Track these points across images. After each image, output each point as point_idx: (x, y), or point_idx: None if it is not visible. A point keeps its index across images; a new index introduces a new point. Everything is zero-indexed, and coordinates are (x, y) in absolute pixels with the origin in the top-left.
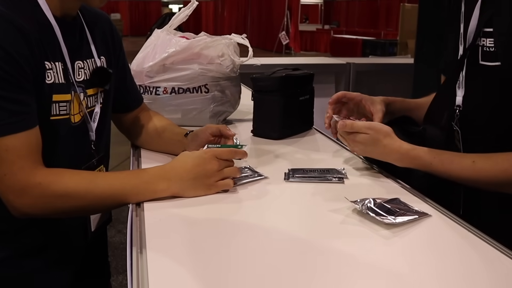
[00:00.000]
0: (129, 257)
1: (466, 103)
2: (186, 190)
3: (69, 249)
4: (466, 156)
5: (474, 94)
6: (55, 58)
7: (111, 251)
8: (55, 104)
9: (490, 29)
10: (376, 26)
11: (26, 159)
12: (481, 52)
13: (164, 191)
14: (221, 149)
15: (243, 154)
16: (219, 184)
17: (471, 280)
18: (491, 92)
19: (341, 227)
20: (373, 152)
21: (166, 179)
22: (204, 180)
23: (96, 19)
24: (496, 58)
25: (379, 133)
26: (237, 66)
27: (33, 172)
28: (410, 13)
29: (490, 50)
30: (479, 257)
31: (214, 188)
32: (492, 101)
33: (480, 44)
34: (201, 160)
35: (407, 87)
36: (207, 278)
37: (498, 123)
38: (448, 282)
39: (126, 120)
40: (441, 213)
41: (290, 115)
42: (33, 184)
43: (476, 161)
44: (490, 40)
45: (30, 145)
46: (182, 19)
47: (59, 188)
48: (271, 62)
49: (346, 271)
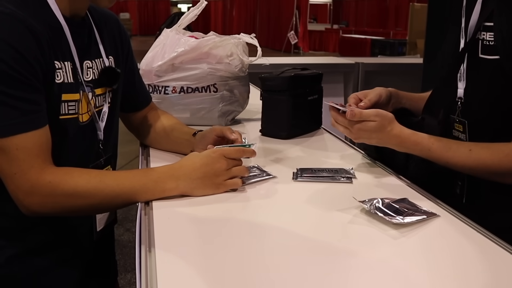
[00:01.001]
0: (137, 255)
1: (467, 95)
2: (194, 189)
3: (76, 248)
4: (464, 144)
5: (476, 87)
6: (65, 57)
7: (119, 249)
8: (64, 103)
9: (490, 23)
10: (385, 26)
11: (37, 158)
12: (481, 45)
13: (172, 190)
14: (229, 148)
15: (251, 153)
16: (227, 183)
17: (479, 280)
18: (491, 85)
19: (349, 227)
20: (376, 138)
21: (174, 178)
22: (213, 179)
23: (105, 19)
24: (496, 52)
25: (385, 119)
26: (245, 66)
27: (43, 171)
28: (419, 13)
29: (490, 44)
30: (487, 258)
31: (222, 187)
32: (493, 94)
33: (480, 37)
34: (209, 159)
35: (416, 87)
36: (215, 276)
37: (499, 115)
38: (455, 282)
39: (135, 119)
40: (449, 213)
41: (299, 114)
42: (43, 183)
43: (472, 149)
44: (490, 34)
45: (41, 144)
46: (191, 19)
47: (69, 187)
48: (280, 62)
49: (354, 271)
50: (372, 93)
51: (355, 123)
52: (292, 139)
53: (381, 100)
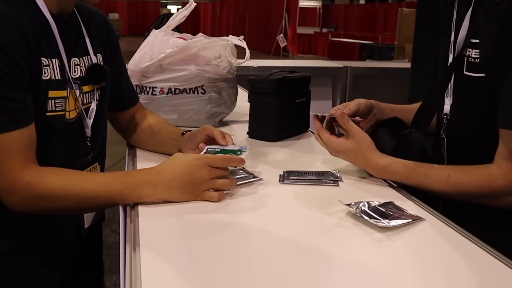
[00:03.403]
0: (122, 255)
1: (453, 112)
2: (172, 196)
3: (63, 246)
4: (442, 170)
5: (461, 104)
6: (52, 54)
7: (105, 250)
8: (51, 100)
9: (476, 40)
10: (374, 30)
11: (18, 158)
12: (467, 62)
13: (149, 196)
14: (214, 156)
15: (238, 162)
16: (205, 194)
17: (464, 283)
18: (477, 103)
19: (335, 230)
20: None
21: (151, 185)
22: (192, 188)
23: (93, 17)
24: (481, 69)
25: (363, 144)
26: (234, 68)
27: (23, 171)
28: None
29: (475, 61)
30: (472, 261)
31: (202, 196)
32: (478, 112)
33: (466, 54)
34: (191, 167)
35: (404, 92)
36: (200, 278)
37: (484, 134)
38: (441, 286)
39: (122, 118)
40: (435, 217)
41: (286, 117)
42: (21, 184)
43: (451, 175)
44: (475, 51)
45: (24, 143)
46: (180, 20)
47: (45, 189)
48: (268, 65)
49: (339, 274)
50: (351, 103)
51: (332, 143)
52: (279, 141)
53: (361, 109)
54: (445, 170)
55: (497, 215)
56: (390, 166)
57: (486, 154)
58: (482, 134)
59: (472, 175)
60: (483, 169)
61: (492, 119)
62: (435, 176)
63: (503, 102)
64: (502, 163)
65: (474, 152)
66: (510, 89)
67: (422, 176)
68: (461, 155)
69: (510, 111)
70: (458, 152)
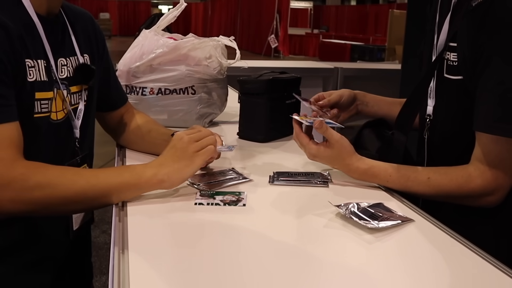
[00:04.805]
0: (112, 257)
1: (436, 113)
2: (172, 173)
3: (51, 248)
4: (422, 172)
5: (443, 105)
6: (38, 55)
7: (95, 251)
8: (38, 101)
9: (454, 44)
10: (365, 32)
11: (6, 150)
12: (446, 65)
13: (152, 178)
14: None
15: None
16: (201, 153)
17: (452, 284)
18: (458, 104)
19: (324, 231)
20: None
21: (150, 167)
22: (183, 154)
23: (79, 17)
24: (459, 72)
25: (343, 150)
26: (224, 68)
27: (15, 163)
28: (399, 20)
29: (454, 64)
30: (460, 262)
31: (197, 159)
32: (459, 113)
33: (446, 57)
34: (172, 142)
35: (394, 93)
36: (188, 279)
37: (465, 134)
38: (428, 287)
39: (111, 119)
40: (424, 219)
41: (276, 118)
42: (14, 176)
43: (431, 177)
44: (453, 55)
45: (11, 137)
46: (170, 20)
47: (43, 177)
48: (259, 65)
49: (327, 275)
50: (335, 93)
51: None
52: (269, 142)
53: (342, 101)
54: (425, 172)
55: (474, 215)
56: (370, 170)
57: (467, 155)
58: (463, 135)
59: (451, 177)
60: (461, 170)
61: (472, 120)
62: (415, 179)
63: (478, 105)
64: (478, 165)
65: (456, 152)
66: (484, 92)
67: (402, 179)
68: (442, 156)
69: (485, 114)
70: (440, 152)
